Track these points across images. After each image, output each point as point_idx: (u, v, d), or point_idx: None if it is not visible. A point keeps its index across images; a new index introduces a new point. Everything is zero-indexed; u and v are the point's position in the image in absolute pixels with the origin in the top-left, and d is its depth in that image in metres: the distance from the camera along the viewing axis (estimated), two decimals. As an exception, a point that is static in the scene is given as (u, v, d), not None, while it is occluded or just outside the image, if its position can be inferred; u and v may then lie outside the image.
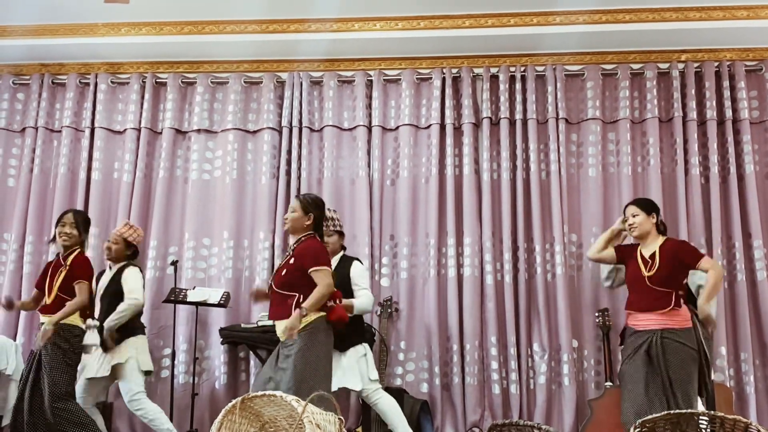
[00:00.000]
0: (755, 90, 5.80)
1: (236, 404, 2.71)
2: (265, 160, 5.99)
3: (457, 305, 5.62)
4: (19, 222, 5.98)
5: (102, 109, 6.14)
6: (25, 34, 5.94)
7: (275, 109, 6.08)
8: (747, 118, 5.69)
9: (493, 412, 5.47)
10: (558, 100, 5.84)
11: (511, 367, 5.51)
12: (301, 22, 5.77)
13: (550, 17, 5.63)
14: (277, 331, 4.02)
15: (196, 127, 6.09)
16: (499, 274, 5.68)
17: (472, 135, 5.87)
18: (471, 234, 5.70)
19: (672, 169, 5.74)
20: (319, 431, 2.47)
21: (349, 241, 5.82)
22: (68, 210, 4.78)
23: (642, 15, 5.58)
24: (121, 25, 5.87)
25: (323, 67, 6.11)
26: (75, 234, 4.58)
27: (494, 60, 5.98)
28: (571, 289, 5.62)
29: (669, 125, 5.80)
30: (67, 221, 4.58)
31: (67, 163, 6.08)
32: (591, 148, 5.80)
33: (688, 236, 5.54)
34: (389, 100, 6.08)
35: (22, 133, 6.23)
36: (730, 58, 5.84)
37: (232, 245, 5.86)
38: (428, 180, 5.86)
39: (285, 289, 4.01)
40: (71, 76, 6.22)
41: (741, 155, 5.67)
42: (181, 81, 6.20)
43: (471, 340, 5.55)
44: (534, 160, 5.76)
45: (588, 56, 5.94)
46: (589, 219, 5.70)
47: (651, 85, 5.81)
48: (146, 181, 6.06)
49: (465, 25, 5.72)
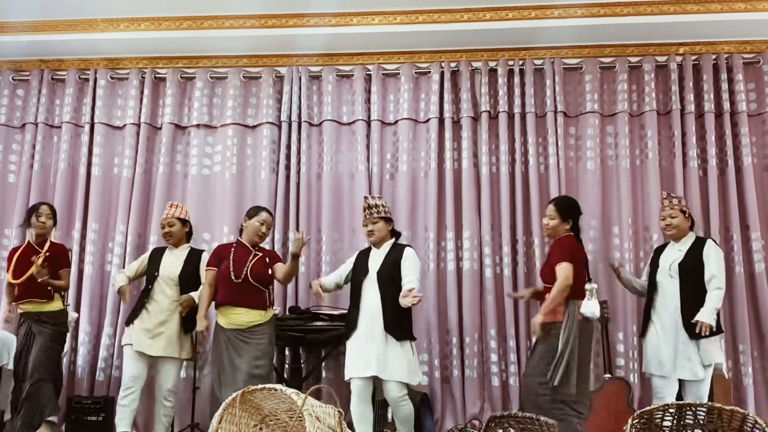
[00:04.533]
0: (753, 82, 5.80)
1: (236, 398, 2.72)
2: (265, 155, 5.99)
3: (456, 298, 5.64)
4: (19, 217, 5.98)
5: (101, 104, 6.14)
6: (24, 30, 5.94)
7: (274, 104, 6.08)
8: (745, 111, 5.70)
9: (493, 405, 5.49)
10: (556, 93, 5.84)
11: (511, 359, 5.52)
12: (299, 17, 5.76)
13: (548, 11, 5.63)
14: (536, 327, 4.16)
15: (196, 122, 6.09)
16: (498, 267, 5.69)
17: (470, 129, 5.87)
18: (470, 227, 5.70)
19: (670, 162, 5.74)
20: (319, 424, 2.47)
21: (348, 235, 5.84)
22: (42, 202, 5.13)
23: (640, 8, 5.58)
24: (121, 20, 5.87)
25: (322, 61, 6.11)
26: (50, 224, 4.97)
27: (493, 54, 5.98)
28: (570, 282, 5.62)
29: (667, 118, 5.80)
30: (44, 212, 4.92)
31: (67, 158, 6.08)
32: (589, 141, 5.80)
33: (687, 229, 5.55)
34: (388, 94, 6.07)
35: (22, 129, 6.23)
36: (728, 50, 5.84)
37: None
38: (427, 174, 5.86)
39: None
40: (71, 72, 6.21)
41: (739, 147, 5.67)
42: (181, 76, 6.19)
43: (470, 333, 5.56)
44: (533, 154, 5.76)
45: (586, 49, 5.93)
46: (588, 212, 5.68)
47: (649, 78, 5.81)
48: (146, 177, 6.06)
49: (463, 18, 5.72)
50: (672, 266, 4.55)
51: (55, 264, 4.86)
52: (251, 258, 4.68)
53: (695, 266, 4.48)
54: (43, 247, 4.86)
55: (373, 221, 4.65)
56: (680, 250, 4.60)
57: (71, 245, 5.86)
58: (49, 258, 4.80)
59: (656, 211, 5.57)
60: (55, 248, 4.94)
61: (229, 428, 2.77)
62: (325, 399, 5.26)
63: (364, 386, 4.41)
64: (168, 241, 5.05)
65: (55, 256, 4.87)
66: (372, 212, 4.65)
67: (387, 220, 4.69)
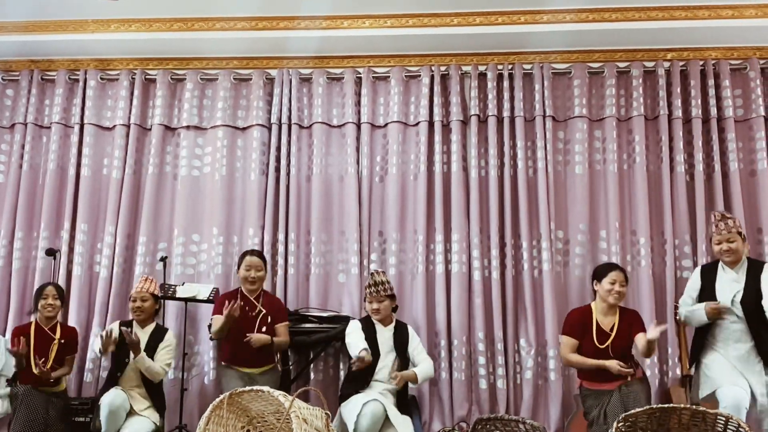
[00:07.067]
0: (740, 88, 5.83)
1: (224, 399, 2.72)
2: (255, 157, 5.98)
3: (444, 301, 5.64)
4: (8, 218, 5.97)
5: (91, 105, 6.12)
6: (14, 31, 5.91)
7: (264, 106, 6.07)
8: (732, 116, 5.72)
9: (480, 407, 5.49)
10: (545, 98, 5.85)
11: (498, 362, 5.53)
12: (290, 20, 5.76)
13: (537, 16, 5.64)
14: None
15: (186, 123, 6.08)
16: (487, 270, 5.70)
17: (460, 132, 5.89)
18: (459, 230, 5.72)
19: (657, 167, 5.76)
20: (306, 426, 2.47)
21: (337, 238, 5.85)
22: (48, 283, 5.16)
23: (628, 14, 5.60)
24: (111, 21, 5.85)
25: (312, 64, 6.11)
26: (58, 305, 5.01)
27: (482, 58, 5.99)
28: (558, 285, 5.64)
29: (655, 123, 5.83)
30: (50, 294, 4.97)
31: (57, 159, 6.06)
32: (577, 145, 5.82)
33: (673, 233, 5.58)
34: (378, 97, 6.08)
35: (11, 129, 6.20)
36: (715, 56, 5.87)
37: (222, 241, 5.86)
38: (417, 177, 5.87)
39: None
40: (60, 73, 6.19)
41: (726, 153, 5.70)
42: (171, 77, 6.18)
43: (458, 336, 5.57)
44: (521, 158, 5.78)
45: (575, 55, 5.95)
46: (576, 216, 5.73)
47: (637, 83, 5.83)
48: (135, 178, 6.04)
49: (453, 23, 5.73)
50: (734, 303, 4.29)
51: (65, 349, 4.99)
52: (257, 317, 4.80)
53: (757, 302, 4.21)
54: (54, 331, 4.95)
55: (380, 299, 4.71)
56: (736, 281, 4.35)
57: (60, 246, 5.85)
58: (63, 345, 4.95)
59: (644, 216, 5.61)
60: (66, 333, 5.03)
61: (216, 429, 2.77)
62: (312, 401, 5.26)
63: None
64: (138, 317, 4.97)
65: (68, 342, 5.01)
66: (379, 290, 4.71)
67: (392, 297, 4.78)
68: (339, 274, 5.79)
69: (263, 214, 5.89)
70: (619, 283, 4.43)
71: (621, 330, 4.38)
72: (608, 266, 4.59)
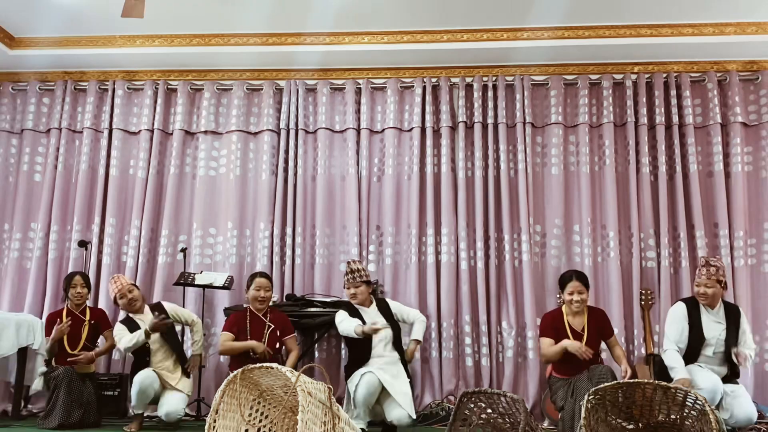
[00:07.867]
0: (699, 98, 5.84)
1: (237, 375, 2.72)
2: (265, 159, 5.98)
3: (435, 288, 5.65)
4: (44, 213, 5.97)
5: (119, 112, 6.12)
6: (50, 45, 5.90)
7: (274, 113, 6.07)
8: (691, 123, 5.73)
9: (467, 382, 5.52)
10: (525, 106, 5.85)
11: (483, 342, 5.55)
12: (297, 36, 5.75)
13: (518, 33, 5.65)
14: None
15: (204, 128, 6.07)
16: (473, 260, 5.71)
17: (449, 137, 5.89)
18: (448, 225, 5.72)
19: (625, 168, 5.77)
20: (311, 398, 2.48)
21: (339, 231, 5.85)
22: (75, 272, 5.16)
23: (600, 31, 5.60)
24: (137, 37, 5.84)
25: (317, 75, 6.10)
26: (85, 292, 5.08)
27: (469, 71, 5.99)
28: (536, 274, 5.66)
29: (623, 129, 5.84)
30: (78, 282, 5.03)
31: (88, 160, 6.05)
32: (554, 149, 5.82)
33: (639, 228, 5.59)
34: (376, 105, 6.08)
35: (47, 134, 6.20)
36: (677, 70, 5.88)
37: (236, 234, 5.87)
38: (410, 177, 5.87)
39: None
40: (91, 83, 6.18)
41: (686, 156, 5.71)
42: (190, 87, 6.18)
43: (447, 319, 5.58)
44: (504, 160, 5.78)
45: (552, 68, 5.96)
46: (552, 212, 5.74)
47: (607, 93, 5.84)
48: (158, 177, 6.04)
49: (443, 39, 5.72)
50: (717, 344, 4.26)
51: (99, 328, 5.10)
52: (266, 332, 4.69)
53: (735, 343, 4.24)
54: (84, 315, 5.03)
55: (356, 285, 4.65)
56: (718, 321, 4.30)
57: (91, 238, 5.85)
58: (93, 326, 5.05)
59: (613, 212, 5.62)
60: (95, 315, 5.12)
61: (230, 401, 2.78)
62: (317, 377, 5.27)
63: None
64: (133, 308, 4.82)
65: (98, 322, 5.10)
66: (355, 276, 4.66)
67: (368, 283, 4.72)
68: (341, 264, 5.79)
69: (273, 209, 5.89)
70: (577, 293, 4.31)
71: (590, 328, 4.34)
72: (567, 277, 4.43)
